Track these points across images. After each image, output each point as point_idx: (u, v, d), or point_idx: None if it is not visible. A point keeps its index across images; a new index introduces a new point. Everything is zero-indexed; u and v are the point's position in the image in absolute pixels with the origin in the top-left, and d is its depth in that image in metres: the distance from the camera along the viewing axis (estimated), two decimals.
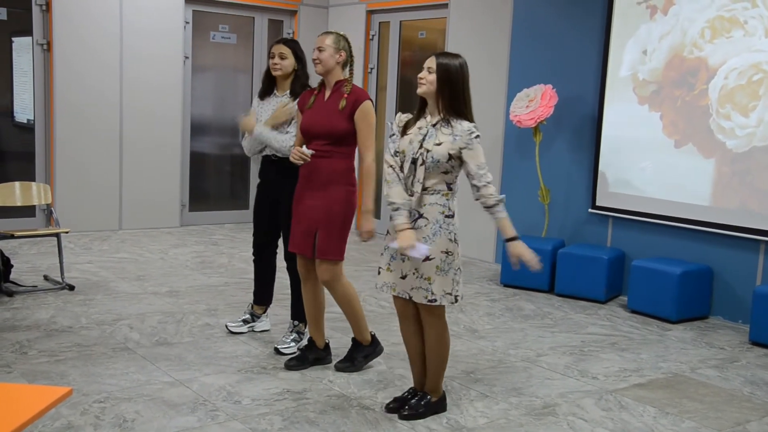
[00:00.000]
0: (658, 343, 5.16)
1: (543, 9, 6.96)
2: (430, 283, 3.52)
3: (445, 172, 3.51)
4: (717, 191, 5.79)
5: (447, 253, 3.52)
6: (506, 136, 7.26)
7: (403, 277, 3.58)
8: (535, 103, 6.46)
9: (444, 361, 3.73)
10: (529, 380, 4.32)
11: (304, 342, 4.52)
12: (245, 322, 4.90)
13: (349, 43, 4.17)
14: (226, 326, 4.91)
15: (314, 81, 4.43)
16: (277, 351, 4.49)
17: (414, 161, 3.51)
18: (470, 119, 3.55)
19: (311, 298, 4.30)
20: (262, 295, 4.90)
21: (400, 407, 3.75)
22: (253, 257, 4.87)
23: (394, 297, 3.70)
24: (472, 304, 5.93)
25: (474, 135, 3.48)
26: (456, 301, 3.58)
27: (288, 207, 4.45)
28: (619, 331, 5.41)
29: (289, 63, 4.54)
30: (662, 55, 6.06)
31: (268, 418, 3.62)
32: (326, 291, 4.30)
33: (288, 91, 4.58)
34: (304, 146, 4.12)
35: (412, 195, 3.53)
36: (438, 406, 3.76)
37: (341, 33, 4.20)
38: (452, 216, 3.54)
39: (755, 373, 4.64)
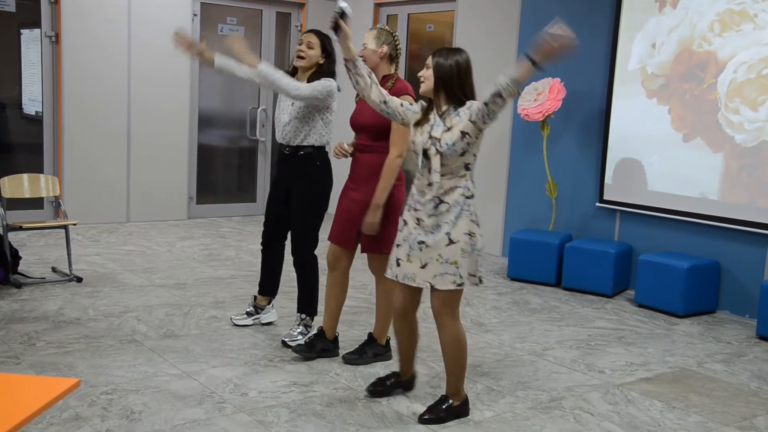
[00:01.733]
0: (665, 338, 5.15)
1: (551, 1, 6.93)
2: (457, 267, 3.45)
3: (463, 154, 3.46)
4: (725, 185, 5.77)
5: (470, 234, 3.47)
6: (514, 130, 7.25)
7: (423, 267, 3.50)
8: (543, 97, 6.45)
9: (463, 361, 3.61)
10: (536, 374, 4.32)
11: (312, 333, 4.53)
12: (249, 314, 4.92)
13: (393, 36, 4.14)
14: (231, 319, 4.93)
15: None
16: (285, 344, 4.50)
17: (426, 152, 3.47)
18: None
19: (335, 289, 4.31)
20: (268, 286, 4.90)
21: (382, 391, 3.80)
22: (261, 247, 4.86)
23: (402, 289, 3.64)
24: (478, 297, 5.93)
25: (474, 104, 3.45)
26: (480, 281, 3.54)
27: (302, 203, 4.45)
28: (626, 325, 5.40)
29: (315, 54, 4.37)
30: (671, 49, 6.04)
31: (275, 411, 3.63)
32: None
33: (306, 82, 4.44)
34: (345, 143, 4.21)
35: (430, 185, 3.48)
36: (461, 411, 3.66)
37: (385, 27, 4.18)
38: (472, 197, 3.51)
39: (762, 368, 4.63)
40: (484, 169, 7.45)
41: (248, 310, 4.94)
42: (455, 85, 3.48)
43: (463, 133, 3.43)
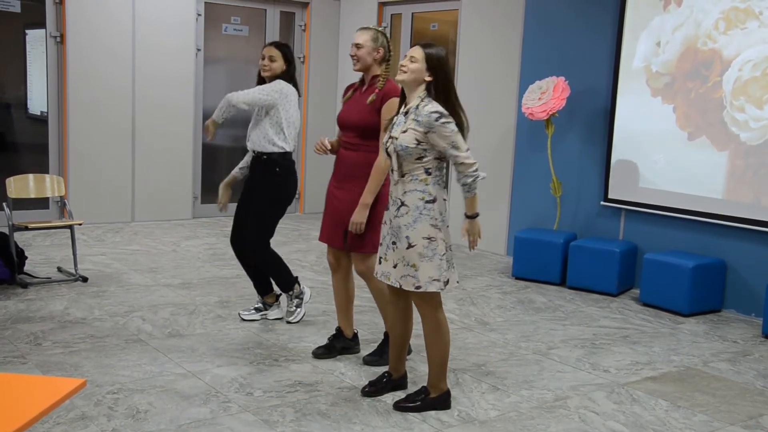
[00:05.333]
0: (671, 337, 5.14)
1: (555, 0, 6.92)
2: (416, 270, 3.52)
3: (420, 158, 3.49)
4: (730, 184, 5.76)
5: (429, 239, 3.51)
6: (518, 129, 7.24)
7: (395, 266, 3.59)
8: (548, 96, 6.44)
9: (442, 356, 3.67)
10: (541, 373, 4.32)
11: (307, 297, 4.75)
12: (257, 310, 5.01)
13: (387, 38, 4.18)
14: (239, 314, 4.98)
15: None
16: (289, 322, 4.77)
17: (386, 150, 3.58)
18: (451, 106, 3.50)
19: (341, 288, 4.36)
20: (262, 286, 5.01)
21: (374, 391, 3.83)
22: (234, 253, 4.99)
23: (388, 285, 3.72)
24: (483, 296, 5.93)
25: (435, 117, 3.43)
26: (445, 286, 3.55)
27: (259, 203, 4.67)
28: (631, 324, 5.39)
29: (278, 66, 4.73)
30: (676, 47, 6.03)
31: (280, 410, 3.64)
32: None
33: None
34: (327, 139, 4.19)
35: (396, 183, 3.58)
36: (437, 404, 3.71)
37: (380, 29, 4.20)
38: (433, 201, 3.51)
39: None
40: (489, 168, 7.45)
41: (256, 306, 5.02)
42: (440, 80, 3.50)
43: (418, 141, 3.47)
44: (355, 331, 4.46)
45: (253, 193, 4.73)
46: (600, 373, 4.38)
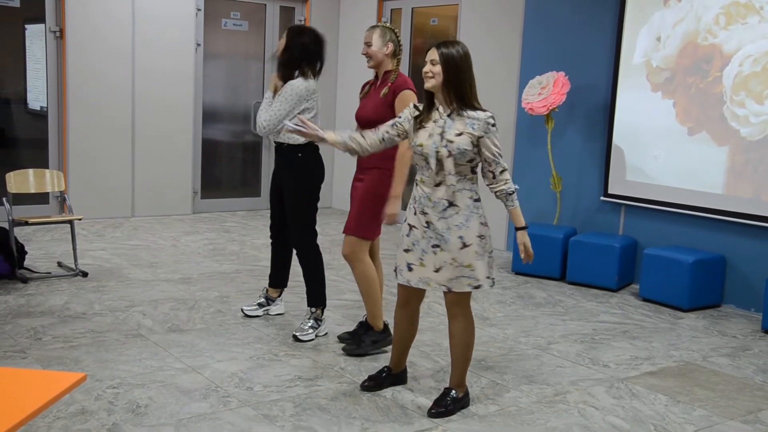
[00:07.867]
0: (670, 332, 5.15)
1: None
2: (472, 270, 3.48)
3: (471, 160, 3.48)
4: (730, 179, 5.75)
5: (481, 237, 3.51)
6: (518, 124, 7.24)
7: (437, 270, 3.51)
8: (548, 91, 6.44)
9: (469, 354, 3.68)
10: (540, 368, 4.32)
11: (323, 329, 4.59)
12: (260, 305, 4.98)
13: (396, 33, 4.29)
14: (242, 310, 4.96)
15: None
16: (296, 338, 4.53)
17: (438, 154, 3.46)
18: (476, 106, 3.52)
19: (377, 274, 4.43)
20: (278, 278, 4.96)
21: (374, 386, 3.83)
22: (270, 240, 4.92)
23: (403, 287, 3.66)
24: (483, 292, 5.93)
25: (492, 124, 3.50)
26: (493, 283, 3.59)
27: (290, 196, 4.56)
28: (630, 319, 5.40)
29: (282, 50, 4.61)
30: (676, 42, 6.02)
31: (280, 405, 3.65)
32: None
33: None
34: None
35: (438, 185, 3.49)
36: (464, 402, 3.71)
37: (387, 25, 4.35)
38: (479, 200, 3.54)
39: (767, 362, 4.63)
40: None
41: (260, 301, 5.00)
42: (466, 79, 3.48)
43: (474, 144, 3.46)
44: (385, 322, 4.44)
45: (283, 184, 4.59)
46: (599, 368, 4.38)
